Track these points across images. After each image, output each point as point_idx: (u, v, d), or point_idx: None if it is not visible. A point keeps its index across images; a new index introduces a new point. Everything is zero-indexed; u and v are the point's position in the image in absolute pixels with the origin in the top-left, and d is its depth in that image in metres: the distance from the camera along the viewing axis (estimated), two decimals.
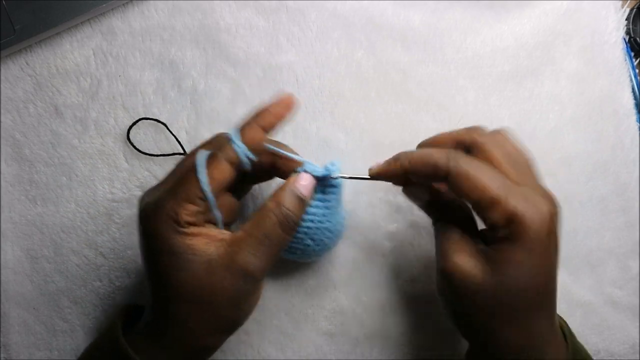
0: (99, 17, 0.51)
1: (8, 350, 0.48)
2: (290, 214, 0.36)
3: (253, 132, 0.36)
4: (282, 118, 0.36)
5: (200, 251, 0.34)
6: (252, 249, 0.35)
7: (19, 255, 0.49)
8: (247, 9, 0.51)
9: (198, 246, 0.34)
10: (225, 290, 0.35)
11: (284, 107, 0.36)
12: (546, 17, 0.51)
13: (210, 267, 0.34)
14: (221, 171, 0.35)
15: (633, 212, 0.50)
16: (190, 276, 0.34)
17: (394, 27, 0.51)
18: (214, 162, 0.35)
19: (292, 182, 0.37)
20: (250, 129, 0.36)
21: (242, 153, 0.35)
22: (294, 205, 0.37)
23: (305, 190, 0.37)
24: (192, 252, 0.34)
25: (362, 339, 0.48)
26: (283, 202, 0.36)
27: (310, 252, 0.42)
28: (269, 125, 0.36)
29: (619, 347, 0.48)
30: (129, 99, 0.50)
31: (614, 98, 0.51)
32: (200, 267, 0.34)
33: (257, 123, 0.36)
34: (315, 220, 0.40)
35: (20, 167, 0.50)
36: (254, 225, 0.35)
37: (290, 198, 0.36)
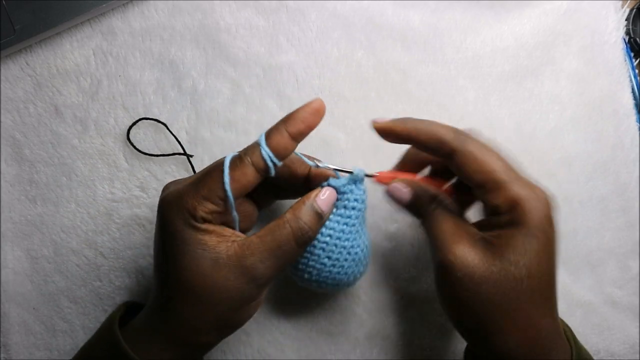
0: (99, 17, 0.51)
1: (8, 350, 0.48)
2: (307, 227, 0.36)
3: (280, 138, 0.35)
4: (311, 126, 0.35)
5: (210, 247, 0.34)
6: (262, 255, 0.35)
7: (18, 255, 0.49)
8: (247, 9, 0.51)
9: (209, 242, 0.35)
10: (227, 290, 0.35)
11: (314, 114, 0.35)
12: (546, 17, 0.51)
13: (217, 264, 0.34)
14: (245, 174, 0.35)
15: (633, 212, 0.50)
16: (196, 269, 0.34)
17: (394, 27, 0.51)
18: (239, 165, 0.35)
19: (312, 196, 0.37)
20: (277, 134, 0.35)
21: (267, 157, 0.35)
22: (311, 219, 0.36)
23: (324, 205, 0.37)
24: (202, 247, 0.34)
25: (362, 339, 0.48)
26: (300, 216, 0.36)
27: (326, 274, 0.39)
28: (298, 132, 0.35)
29: (619, 347, 0.48)
30: (129, 99, 0.50)
31: (614, 98, 0.51)
32: (206, 263, 0.34)
33: (286, 129, 0.35)
34: (334, 236, 0.38)
35: (20, 167, 0.50)
36: (268, 233, 0.36)
37: (308, 212, 0.36)
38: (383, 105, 0.50)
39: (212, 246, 0.35)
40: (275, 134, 0.35)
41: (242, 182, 0.35)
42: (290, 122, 0.35)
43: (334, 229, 0.39)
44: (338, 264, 0.39)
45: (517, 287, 0.34)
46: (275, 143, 0.35)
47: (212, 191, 0.34)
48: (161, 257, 0.36)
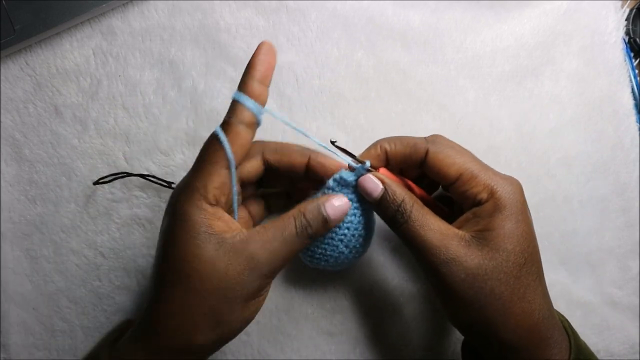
0: (99, 17, 0.51)
1: (7, 350, 0.48)
2: (308, 227, 0.37)
3: (250, 87, 0.36)
4: (271, 65, 0.36)
5: (217, 232, 0.35)
6: (265, 242, 0.35)
7: (18, 255, 0.49)
8: (247, 9, 0.51)
9: (216, 227, 0.35)
10: (226, 277, 0.34)
11: (267, 54, 0.36)
12: (546, 17, 0.51)
13: (221, 249, 0.34)
14: (238, 133, 0.35)
15: (633, 212, 0.50)
16: (198, 252, 0.34)
17: (394, 27, 0.51)
18: (229, 128, 0.35)
19: (322, 200, 0.38)
20: (247, 85, 0.36)
21: (252, 106, 0.35)
22: (315, 220, 0.37)
23: (332, 212, 0.37)
24: (210, 232, 0.34)
25: (362, 339, 0.48)
26: (305, 212, 0.37)
27: (343, 259, 0.41)
28: (262, 76, 0.36)
29: (619, 347, 0.48)
30: (129, 99, 0.50)
31: (614, 98, 0.51)
32: (211, 248, 0.34)
33: (252, 77, 0.36)
34: (352, 228, 0.40)
35: (20, 167, 0.50)
36: (273, 224, 0.36)
37: (314, 212, 0.37)
38: (383, 105, 0.50)
39: (219, 231, 0.35)
40: (244, 86, 0.36)
41: (238, 142, 0.35)
42: (252, 70, 0.36)
43: (352, 221, 0.40)
44: (355, 250, 0.41)
45: (516, 272, 0.35)
46: (251, 94, 0.36)
47: (215, 164, 0.35)
48: (165, 247, 0.36)
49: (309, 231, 0.37)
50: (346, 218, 0.39)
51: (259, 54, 0.36)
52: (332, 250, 0.40)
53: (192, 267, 0.34)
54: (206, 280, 0.34)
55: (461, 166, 0.37)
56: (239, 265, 0.34)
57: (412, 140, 0.39)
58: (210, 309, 0.35)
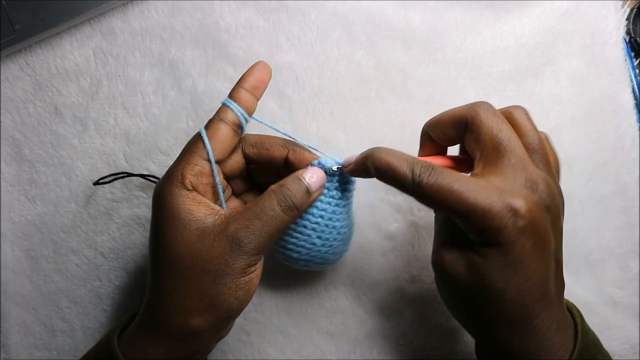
0: (99, 17, 0.51)
1: (7, 350, 0.48)
2: (291, 194, 0.37)
3: (240, 95, 0.39)
4: (263, 80, 0.39)
5: (198, 217, 0.35)
6: (247, 221, 0.35)
7: (18, 255, 0.49)
8: (247, 9, 0.51)
9: (197, 212, 0.36)
10: (210, 259, 0.35)
11: (261, 70, 0.39)
12: (546, 17, 0.51)
13: (203, 233, 0.35)
14: (218, 129, 0.38)
15: (633, 212, 0.50)
16: (181, 239, 0.35)
17: (394, 27, 0.51)
18: (211, 124, 0.38)
19: (300, 172, 0.38)
20: (237, 92, 0.39)
21: (236, 109, 0.38)
22: (297, 190, 0.37)
23: (312, 182, 0.38)
24: (190, 216, 0.35)
25: (362, 339, 0.48)
26: (286, 184, 0.37)
27: (315, 253, 0.41)
28: (254, 88, 0.39)
29: (619, 347, 0.48)
30: (129, 99, 0.50)
31: (614, 98, 0.51)
32: (193, 233, 0.35)
33: (242, 86, 0.39)
34: (325, 217, 0.40)
35: (20, 167, 0.50)
36: (254, 203, 0.36)
37: (294, 183, 0.37)
38: (383, 105, 0.50)
39: (200, 216, 0.35)
40: (233, 93, 0.39)
41: (217, 136, 0.37)
42: (242, 81, 0.39)
43: (326, 210, 0.40)
44: (328, 244, 0.41)
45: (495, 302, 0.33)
46: (238, 100, 0.38)
47: (194, 154, 0.37)
48: (152, 237, 0.37)
49: (293, 201, 0.37)
50: (319, 205, 0.39)
51: (253, 69, 0.39)
52: (305, 240, 0.40)
53: (176, 253, 0.35)
54: (191, 265, 0.35)
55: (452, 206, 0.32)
56: (221, 247, 0.35)
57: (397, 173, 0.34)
58: (200, 292, 0.35)
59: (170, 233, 0.35)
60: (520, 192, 0.32)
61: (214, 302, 0.35)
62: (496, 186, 0.32)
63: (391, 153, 0.35)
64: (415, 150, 0.43)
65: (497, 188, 0.32)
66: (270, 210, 0.36)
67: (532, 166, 0.34)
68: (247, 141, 0.41)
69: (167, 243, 0.35)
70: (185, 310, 0.35)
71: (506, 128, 0.35)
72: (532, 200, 0.32)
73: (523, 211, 0.31)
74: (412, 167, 0.33)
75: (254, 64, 0.39)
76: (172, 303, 0.35)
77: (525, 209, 0.31)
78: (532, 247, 0.32)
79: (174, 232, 0.35)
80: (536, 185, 0.33)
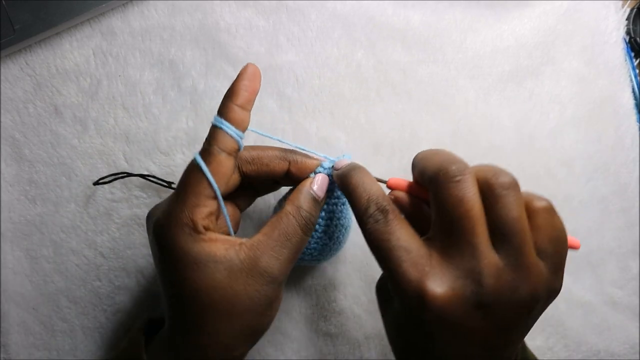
0: (99, 17, 0.51)
1: (7, 351, 0.48)
2: (309, 215, 0.36)
3: (233, 114, 0.34)
4: (255, 90, 0.35)
5: (221, 257, 0.33)
6: (275, 252, 0.34)
7: (18, 255, 0.49)
8: (247, 9, 0.51)
9: (218, 252, 0.33)
10: (249, 296, 0.34)
11: (252, 79, 0.35)
12: (546, 17, 0.51)
13: (232, 273, 0.33)
14: (220, 163, 0.34)
15: (633, 212, 0.50)
16: (213, 285, 0.33)
17: (394, 27, 0.51)
18: (211, 157, 0.34)
19: (308, 184, 0.37)
20: (229, 112, 0.34)
21: (234, 134, 0.34)
22: (311, 206, 0.36)
23: (320, 191, 0.37)
24: (214, 259, 0.33)
25: (362, 340, 0.48)
26: (301, 205, 0.36)
27: (327, 251, 0.42)
28: (245, 102, 0.35)
29: (619, 347, 0.48)
30: (129, 99, 0.50)
31: (614, 98, 0.51)
32: (222, 275, 0.33)
33: (235, 104, 0.34)
34: (334, 218, 0.40)
35: (20, 167, 0.50)
36: (273, 228, 0.35)
37: (308, 200, 0.36)
38: (383, 105, 0.50)
39: (223, 255, 0.33)
40: (227, 112, 0.34)
41: (221, 171, 0.34)
42: (234, 96, 0.34)
43: (334, 211, 0.40)
44: (337, 241, 0.41)
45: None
46: (232, 120, 0.34)
47: (200, 194, 0.33)
48: (172, 284, 0.35)
49: (312, 220, 0.36)
50: (327, 207, 0.40)
51: (242, 79, 0.34)
52: (317, 243, 0.40)
53: (211, 298, 0.33)
54: (231, 306, 0.34)
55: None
56: (257, 284, 0.34)
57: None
58: (243, 327, 0.35)
59: (200, 281, 0.33)
60: (447, 281, 0.29)
61: (256, 331, 0.36)
62: (430, 263, 0.30)
63: (362, 179, 0.34)
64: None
65: (428, 265, 0.30)
66: (294, 236, 0.35)
67: (487, 255, 0.29)
68: (242, 158, 0.38)
69: (199, 290, 0.33)
70: (227, 346, 0.35)
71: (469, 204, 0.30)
72: (456, 293, 0.29)
73: (432, 302, 0.29)
74: (369, 204, 0.33)
75: (242, 70, 0.35)
76: (213, 341, 0.34)
77: (438, 300, 0.29)
78: (443, 333, 0.30)
79: (202, 279, 0.33)
80: (478, 277, 0.29)
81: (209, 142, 0.34)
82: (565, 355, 0.48)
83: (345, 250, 0.48)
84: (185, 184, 0.34)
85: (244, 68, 0.35)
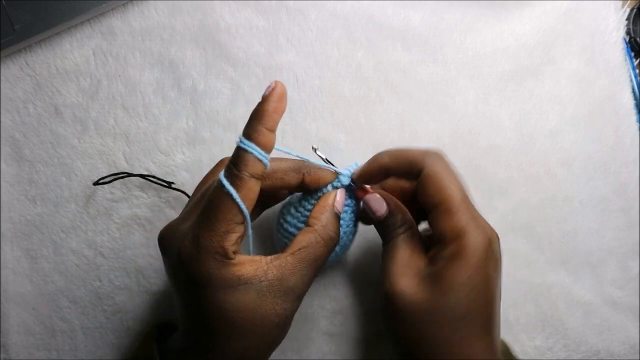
0: (99, 17, 0.51)
1: (7, 351, 0.48)
2: (335, 235, 0.37)
3: (262, 137, 0.33)
4: (282, 111, 0.34)
5: (251, 279, 0.33)
6: (302, 272, 0.35)
7: (18, 255, 0.49)
8: (247, 9, 0.51)
9: (248, 275, 0.33)
10: (276, 314, 0.34)
11: (280, 100, 0.33)
12: (546, 17, 0.51)
13: (261, 294, 0.34)
14: (250, 189, 0.33)
15: (633, 212, 0.50)
16: (244, 307, 0.33)
17: (394, 27, 0.51)
18: (241, 183, 0.33)
19: (331, 203, 0.38)
20: (259, 135, 0.33)
21: (264, 159, 0.33)
22: (336, 225, 0.38)
23: (340, 207, 0.39)
24: (244, 282, 0.33)
25: (362, 340, 0.48)
26: (327, 224, 0.37)
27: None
28: (274, 124, 0.33)
29: (619, 348, 0.48)
30: (129, 99, 0.50)
31: (614, 98, 0.51)
32: (252, 296, 0.33)
33: (264, 126, 0.33)
34: (344, 225, 0.40)
35: (20, 167, 0.50)
36: (301, 248, 0.35)
37: (333, 220, 0.37)
38: (383, 106, 0.50)
39: (252, 277, 0.33)
40: (256, 136, 0.33)
41: (251, 197, 0.33)
42: (264, 118, 0.33)
43: (344, 218, 0.40)
44: (345, 247, 0.42)
45: (455, 323, 0.34)
46: (261, 144, 0.33)
47: (230, 222, 0.33)
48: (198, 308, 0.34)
49: (337, 239, 0.37)
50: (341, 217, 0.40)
51: (270, 100, 0.33)
52: None
53: (241, 317, 0.33)
54: (259, 326, 0.34)
55: (442, 197, 0.35)
56: (283, 302, 0.34)
57: (410, 156, 0.37)
58: (268, 342, 0.36)
59: (229, 304, 0.33)
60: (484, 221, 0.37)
61: (277, 342, 0.37)
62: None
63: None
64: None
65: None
66: (322, 257, 0.36)
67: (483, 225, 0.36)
68: None
69: (229, 313, 0.33)
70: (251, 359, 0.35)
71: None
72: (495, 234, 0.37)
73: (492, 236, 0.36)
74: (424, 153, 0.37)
75: (270, 91, 0.33)
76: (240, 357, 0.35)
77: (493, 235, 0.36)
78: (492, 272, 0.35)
79: (233, 302, 0.33)
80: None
81: (238, 168, 0.33)
82: (565, 355, 0.48)
83: None
84: (213, 210, 0.33)
85: (272, 89, 0.33)
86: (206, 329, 0.34)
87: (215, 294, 0.33)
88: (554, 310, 0.48)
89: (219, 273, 0.33)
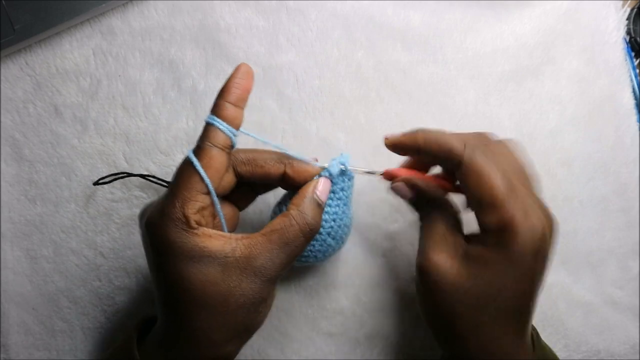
0: (99, 17, 0.51)
1: (7, 351, 0.48)
2: (313, 222, 0.36)
3: (225, 111, 0.35)
4: (247, 88, 0.36)
5: (216, 252, 0.33)
6: (272, 254, 0.34)
7: (18, 255, 0.49)
8: (247, 9, 0.51)
9: (213, 247, 0.33)
10: (242, 293, 0.34)
11: (244, 77, 0.36)
12: (546, 17, 0.51)
13: (227, 269, 0.34)
14: (212, 157, 0.34)
15: (633, 212, 0.50)
16: (206, 280, 0.33)
17: (394, 27, 0.51)
18: (202, 152, 0.34)
19: (311, 190, 0.38)
20: (222, 109, 0.35)
21: (225, 129, 0.35)
22: (315, 212, 0.37)
23: (323, 196, 0.38)
24: (208, 254, 0.33)
25: (362, 339, 0.48)
26: (305, 210, 0.36)
27: (330, 251, 0.42)
28: (238, 99, 0.35)
29: (619, 347, 0.48)
30: (129, 99, 0.50)
31: (614, 98, 0.51)
32: (216, 270, 0.33)
33: (227, 101, 0.35)
34: (337, 220, 0.40)
35: (20, 167, 0.50)
36: (274, 231, 0.35)
37: (312, 207, 0.37)
38: (383, 106, 0.50)
39: (217, 250, 0.33)
40: (219, 109, 0.35)
41: (214, 166, 0.34)
42: (226, 94, 0.35)
43: (337, 213, 0.40)
44: (340, 240, 0.42)
45: (485, 305, 0.34)
46: (224, 117, 0.35)
47: (191, 189, 0.34)
48: (164, 280, 0.35)
49: (315, 226, 0.37)
50: (329, 210, 0.40)
51: (235, 76, 0.35)
52: (321, 245, 0.40)
53: (204, 292, 0.33)
54: (224, 301, 0.34)
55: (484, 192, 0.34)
56: (252, 283, 0.34)
57: (450, 143, 0.35)
58: (235, 323, 0.35)
59: (193, 275, 0.33)
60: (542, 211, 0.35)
61: (247, 328, 0.36)
62: None
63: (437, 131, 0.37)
64: None
65: None
66: (294, 241, 0.35)
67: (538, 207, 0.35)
68: (238, 158, 0.38)
69: (191, 285, 0.33)
70: (218, 342, 0.35)
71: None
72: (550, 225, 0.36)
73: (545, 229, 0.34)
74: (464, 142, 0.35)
75: (235, 69, 0.36)
76: (205, 337, 0.34)
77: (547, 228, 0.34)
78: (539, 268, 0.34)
79: (196, 273, 0.33)
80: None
81: (201, 139, 0.35)
82: (565, 355, 0.48)
83: (346, 250, 0.48)
84: (177, 180, 0.35)
85: (237, 67, 0.36)
86: (170, 299, 0.35)
87: (177, 263, 0.33)
88: (554, 310, 0.48)
89: (180, 241, 0.33)
